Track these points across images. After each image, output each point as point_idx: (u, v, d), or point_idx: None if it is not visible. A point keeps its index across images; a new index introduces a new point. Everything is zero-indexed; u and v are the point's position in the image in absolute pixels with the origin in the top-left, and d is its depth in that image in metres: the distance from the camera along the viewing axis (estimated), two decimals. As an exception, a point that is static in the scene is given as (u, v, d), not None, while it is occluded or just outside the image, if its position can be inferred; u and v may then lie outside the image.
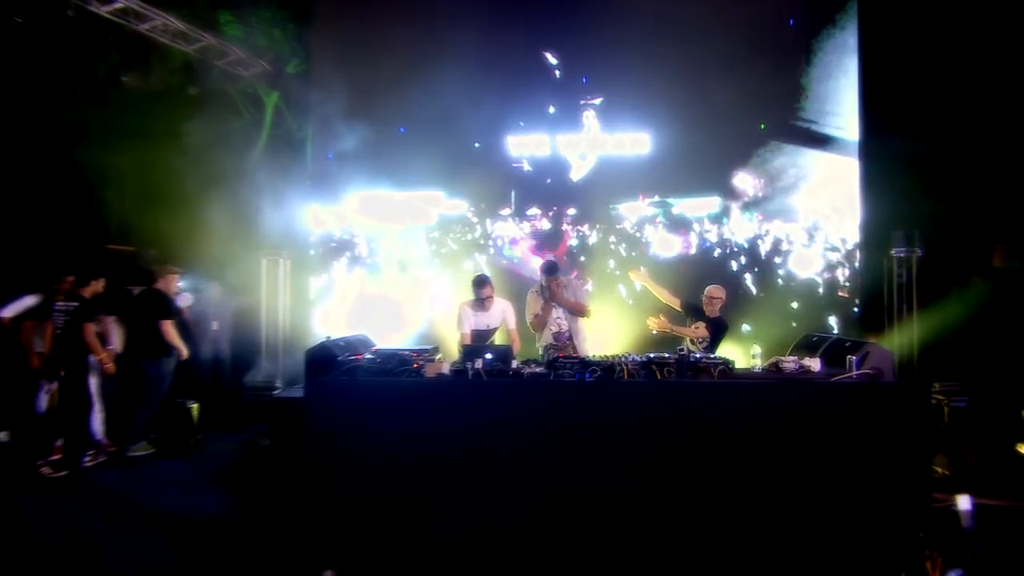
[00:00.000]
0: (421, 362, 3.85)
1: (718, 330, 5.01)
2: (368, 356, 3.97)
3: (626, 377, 3.68)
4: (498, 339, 5.23)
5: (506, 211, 7.37)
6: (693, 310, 5.12)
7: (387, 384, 3.71)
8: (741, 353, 5.12)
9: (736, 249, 7.16)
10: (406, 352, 3.97)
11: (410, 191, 7.30)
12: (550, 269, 5.06)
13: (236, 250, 7.06)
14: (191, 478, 5.09)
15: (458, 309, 5.12)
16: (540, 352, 5.05)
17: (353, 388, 3.70)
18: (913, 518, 3.47)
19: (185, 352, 5.70)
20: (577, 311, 5.06)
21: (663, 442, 3.57)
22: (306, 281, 7.44)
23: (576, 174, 7.30)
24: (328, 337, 4.26)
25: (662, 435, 3.57)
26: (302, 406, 3.72)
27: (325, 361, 3.89)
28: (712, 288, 5.11)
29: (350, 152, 7.10)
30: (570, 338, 5.07)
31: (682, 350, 3.84)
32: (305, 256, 7.45)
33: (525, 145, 7.29)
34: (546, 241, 7.33)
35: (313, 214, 7.41)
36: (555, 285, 4.99)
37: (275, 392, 6.60)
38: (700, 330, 4.96)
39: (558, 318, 5.07)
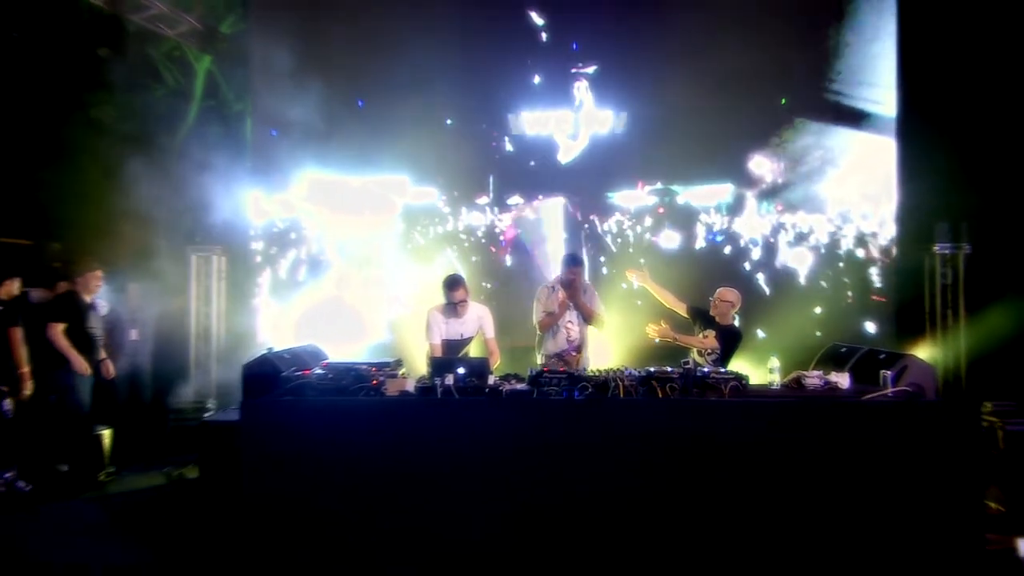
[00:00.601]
0: (381, 378, 3.87)
1: (731, 340, 5.07)
2: (318, 371, 3.97)
3: (622, 395, 3.72)
4: (473, 350, 5.25)
5: (483, 199, 7.39)
6: (702, 316, 5.18)
7: (340, 405, 3.72)
8: (756, 367, 5.17)
9: (751, 244, 7.24)
10: (364, 366, 3.99)
11: (369, 175, 7.30)
12: (573, 260, 5.18)
13: (159, 244, 6.98)
14: (101, 521, 5.01)
15: (426, 316, 5.13)
16: (541, 362, 5.11)
17: (299, 410, 3.70)
18: (963, 563, 3.54)
19: (83, 365, 5.61)
20: (593, 318, 5.19)
21: (665, 471, 3.61)
22: (245, 281, 7.39)
23: (565, 156, 7.34)
24: (270, 349, 4.26)
25: (664, 463, 3.61)
26: (238, 432, 3.71)
27: (266, 377, 3.89)
28: (724, 291, 5.17)
29: (298, 129, 7.05)
30: (579, 349, 5.16)
31: (687, 363, 3.90)
32: (244, 251, 7.40)
33: (505, 122, 7.32)
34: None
35: (253, 202, 7.37)
36: (577, 281, 5.09)
37: (206, 415, 6.54)
38: (709, 340, 5.01)
39: (569, 322, 5.16)
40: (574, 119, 7.32)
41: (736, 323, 5.24)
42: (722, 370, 4.04)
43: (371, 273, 7.37)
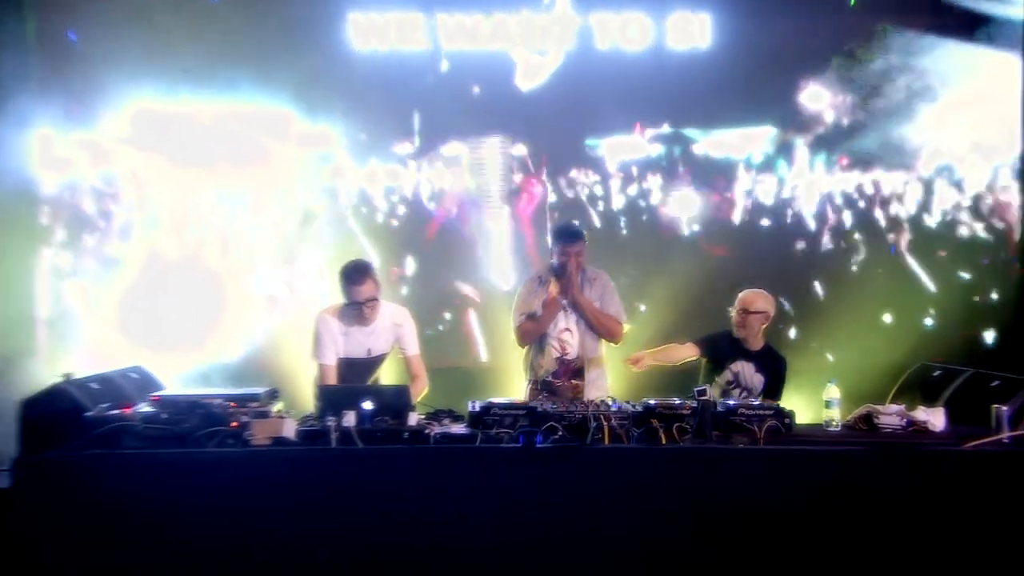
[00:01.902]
0: (245, 418, 3.85)
1: (777, 368, 5.14)
2: (145, 408, 3.93)
3: (607, 440, 3.75)
4: (386, 375, 5.27)
5: (405, 147, 7.37)
6: (723, 344, 5.19)
7: (180, 460, 3.68)
8: (806, 398, 5.26)
9: (800, 216, 7.36)
10: (217, 400, 3.96)
11: (228, 106, 7.19)
12: (571, 234, 5.17)
13: None
14: None
15: (314, 323, 5.12)
16: (526, 397, 5.10)
17: (114, 469, 3.65)
18: None
19: None
20: (603, 327, 5.18)
21: (673, 558, 3.65)
22: (24, 266, 7.22)
23: (527, 81, 7.34)
24: (68, 375, 4.19)
25: (671, 546, 3.65)
26: (9, 505, 3.63)
27: (60, 419, 3.83)
28: (751, 296, 5.19)
29: (112, 31, 6.93)
30: (579, 371, 5.11)
31: (703, 392, 3.96)
32: (25, 221, 7.23)
33: (437, 29, 7.29)
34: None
35: (42, 144, 7.21)
36: (576, 263, 5.07)
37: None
38: (747, 373, 5.07)
39: (566, 330, 5.17)
40: (542, 25, 7.32)
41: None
42: (755, 402, 4.11)
43: (231, 257, 7.31)
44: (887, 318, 7.19)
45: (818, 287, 7.29)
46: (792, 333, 7.18)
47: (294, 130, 7.30)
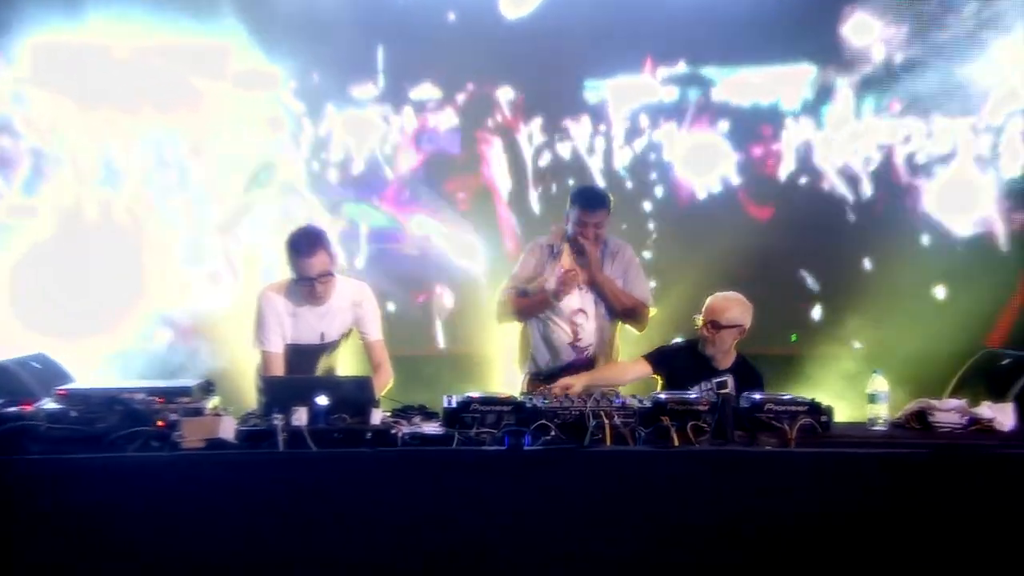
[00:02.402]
0: (174, 416, 3.83)
1: (752, 386, 5.12)
2: (51, 405, 3.92)
3: (609, 442, 3.76)
4: (343, 364, 5.29)
5: (367, 90, 7.36)
6: (685, 362, 5.11)
7: (96, 468, 3.65)
8: (845, 391, 5.28)
9: (841, 174, 7.39)
10: (139, 394, 3.95)
11: (150, 39, 7.16)
12: (592, 199, 5.21)
13: None
14: None
15: (257, 301, 5.11)
16: (522, 390, 5.11)
17: (11, 479, 3.61)
18: None
19: None
20: (627, 309, 5.23)
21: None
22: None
23: (514, 9, 7.33)
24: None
25: (683, 566, 3.64)
26: None
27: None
28: (721, 302, 5.07)
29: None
30: (591, 360, 5.19)
31: (723, 384, 3.99)
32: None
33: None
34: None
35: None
36: (595, 236, 5.10)
37: None
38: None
39: (579, 311, 5.19)
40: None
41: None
42: (785, 396, 4.13)
43: (155, 222, 7.31)
44: (943, 295, 7.25)
45: (860, 259, 7.35)
46: (818, 313, 7.24)
47: (231, 67, 7.30)
